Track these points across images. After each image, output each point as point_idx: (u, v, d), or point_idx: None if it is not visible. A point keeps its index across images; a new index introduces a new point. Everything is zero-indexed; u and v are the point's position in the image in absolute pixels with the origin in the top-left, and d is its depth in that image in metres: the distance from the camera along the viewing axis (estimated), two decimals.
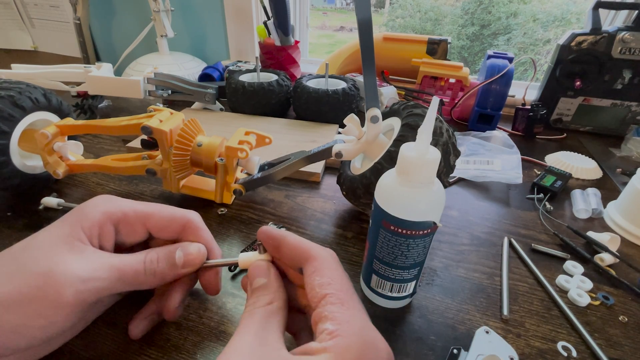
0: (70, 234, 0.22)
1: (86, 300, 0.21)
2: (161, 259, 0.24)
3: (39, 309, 0.19)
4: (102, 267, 0.22)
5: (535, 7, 3.14)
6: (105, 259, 0.22)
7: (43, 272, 0.20)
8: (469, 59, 3.27)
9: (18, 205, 0.41)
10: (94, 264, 0.21)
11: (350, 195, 0.37)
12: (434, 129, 0.33)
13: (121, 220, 0.25)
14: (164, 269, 0.24)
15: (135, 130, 0.39)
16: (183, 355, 0.26)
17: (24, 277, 0.20)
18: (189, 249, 0.26)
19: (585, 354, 0.28)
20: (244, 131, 0.41)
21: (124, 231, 0.26)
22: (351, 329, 0.17)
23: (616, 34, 0.61)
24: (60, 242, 0.22)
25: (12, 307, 0.19)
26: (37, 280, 0.20)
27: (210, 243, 0.27)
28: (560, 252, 0.38)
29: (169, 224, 0.26)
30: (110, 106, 0.73)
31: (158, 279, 0.24)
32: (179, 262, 0.25)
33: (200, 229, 0.27)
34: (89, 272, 0.21)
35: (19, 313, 0.19)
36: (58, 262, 0.20)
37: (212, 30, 0.93)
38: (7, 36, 1.09)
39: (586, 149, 0.63)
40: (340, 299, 0.19)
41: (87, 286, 0.21)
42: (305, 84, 0.61)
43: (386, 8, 3.96)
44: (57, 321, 0.20)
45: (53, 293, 0.20)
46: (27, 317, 0.19)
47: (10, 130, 0.38)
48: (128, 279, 0.23)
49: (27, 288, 0.19)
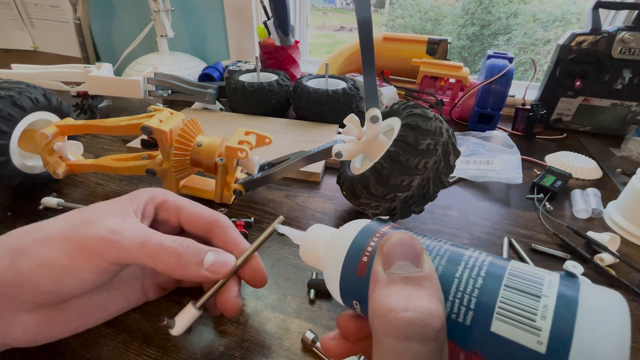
0: (121, 206, 0.25)
1: (109, 252, 0.22)
2: (191, 248, 0.24)
3: (69, 248, 0.21)
4: (131, 227, 0.23)
5: (536, 7, 3.14)
6: (138, 224, 0.24)
7: (86, 219, 0.23)
8: (469, 59, 3.27)
9: (18, 205, 0.41)
10: (127, 223, 0.23)
11: (350, 195, 0.37)
12: (435, 128, 0.33)
13: (161, 205, 0.27)
14: (189, 259, 0.23)
15: (135, 130, 0.39)
16: (183, 355, 0.26)
17: (72, 220, 0.23)
18: (220, 256, 0.25)
19: None
20: (244, 131, 0.41)
21: (161, 215, 0.28)
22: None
23: (616, 34, 0.61)
24: (111, 208, 0.24)
25: (51, 240, 0.21)
26: (78, 223, 0.22)
27: (236, 239, 0.27)
28: (560, 252, 0.38)
29: (197, 219, 0.28)
30: (110, 106, 0.73)
31: (180, 265, 0.23)
32: (206, 263, 0.24)
33: (228, 227, 0.27)
34: (118, 225, 0.23)
35: (54, 247, 0.21)
36: (102, 216, 0.23)
37: (212, 30, 0.93)
38: (7, 36, 1.09)
39: (586, 149, 0.63)
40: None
41: (112, 237, 0.22)
42: (305, 84, 0.61)
43: (386, 8, 3.96)
44: (80, 266, 0.21)
45: (84, 234, 0.22)
46: (59, 252, 0.21)
47: (10, 130, 0.38)
48: (151, 250, 0.22)
49: (69, 227, 0.22)
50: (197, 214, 0.28)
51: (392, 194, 0.34)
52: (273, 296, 0.31)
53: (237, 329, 0.28)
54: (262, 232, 0.27)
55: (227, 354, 0.26)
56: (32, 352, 0.25)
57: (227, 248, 0.27)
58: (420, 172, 0.32)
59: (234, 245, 0.27)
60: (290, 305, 0.30)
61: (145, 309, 0.29)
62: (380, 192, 0.34)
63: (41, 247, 0.21)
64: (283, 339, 0.27)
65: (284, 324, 0.29)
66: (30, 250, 0.21)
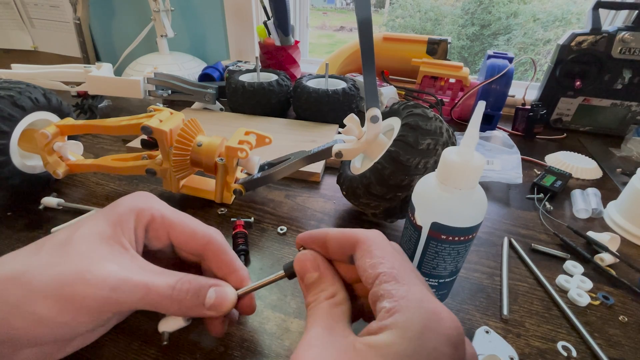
0: (112, 236, 0.22)
1: (110, 309, 0.21)
2: (191, 291, 0.22)
3: (66, 305, 0.20)
4: (131, 278, 0.21)
5: (536, 7, 3.14)
6: (137, 274, 0.22)
7: (80, 270, 0.20)
8: (469, 59, 3.27)
9: (18, 205, 0.41)
10: (126, 275, 0.21)
11: (350, 195, 0.37)
12: (435, 128, 0.33)
13: (150, 224, 0.25)
14: (191, 304, 0.22)
15: (135, 130, 0.39)
16: (183, 355, 0.26)
17: (63, 271, 0.20)
18: (222, 293, 0.23)
19: (585, 354, 0.28)
20: (244, 131, 0.41)
21: (151, 234, 0.25)
22: (409, 303, 0.17)
23: (616, 34, 0.61)
24: (102, 242, 0.22)
25: (45, 297, 0.19)
26: (73, 277, 0.20)
27: (233, 265, 0.25)
28: (560, 252, 0.38)
29: (188, 241, 0.26)
30: (110, 106, 0.73)
31: (181, 310, 0.23)
32: (208, 302, 0.23)
33: (222, 252, 0.26)
34: (117, 279, 0.21)
35: (49, 304, 0.19)
36: (94, 264, 0.21)
37: (212, 30, 0.93)
38: (7, 36, 1.09)
39: (586, 149, 0.63)
40: (393, 275, 0.18)
41: (113, 296, 0.20)
42: (305, 84, 0.61)
43: (386, 8, 3.96)
44: (80, 321, 0.20)
45: (82, 293, 0.20)
46: (54, 310, 0.20)
47: (10, 130, 0.38)
48: (152, 301, 0.22)
49: (62, 282, 0.20)
50: (188, 234, 0.25)
51: (392, 194, 0.34)
52: (273, 296, 0.31)
53: (237, 329, 0.28)
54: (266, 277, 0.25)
55: (227, 354, 0.26)
56: None
57: (223, 274, 0.25)
58: (420, 172, 0.32)
59: (230, 273, 0.25)
60: (290, 305, 0.30)
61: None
62: (380, 192, 0.34)
63: (35, 305, 0.19)
64: (283, 339, 0.27)
65: (284, 324, 0.29)
66: (23, 308, 0.19)
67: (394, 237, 0.39)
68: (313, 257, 0.22)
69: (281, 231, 0.39)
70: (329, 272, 0.22)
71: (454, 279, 0.28)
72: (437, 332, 0.16)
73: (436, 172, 0.25)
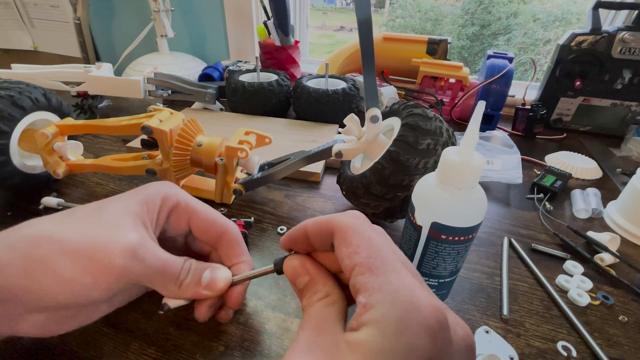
0: (138, 213, 0.24)
1: (127, 277, 0.21)
2: (192, 272, 0.24)
3: (91, 267, 0.20)
4: (153, 254, 0.22)
5: (536, 7, 3.14)
6: (157, 249, 0.23)
7: (109, 235, 0.21)
8: (469, 59, 3.27)
9: (18, 205, 0.41)
10: (148, 248, 0.22)
11: (350, 195, 0.37)
12: (435, 128, 0.33)
13: (174, 208, 0.26)
14: (189, 283, 0.24)
15: (135, 130, 0.39)
16: (183, 355, 0.26)
17: (94, 234, 0.21)
18: (217, 273, 0.25)
19: (585, 354, 0.28)
20: (244, 131, 0.41)
21: (172, 219, 0.27)
22: (384, 296, 0.16)
23: (616, 34, 0.61)
24: (129, 215, 0.23)
25: (73, 256, 0.20)
26: (103, 241, 0.21)
27: (242, 257, 0.27)
28: (560, 252, 0.38)
29: (208, 228, 0.27)
30: (110, 106, 0.73)
31: (181, 290, 0.24)
32: (203, 281, 0.24)
33: (236, 243, 0.27)
34: (142, 252, 0.22)
35: (75, 263, 0.20)
36: (122, 232, 0.22)
37: (212, 30, 0.93)
38: (7, 36, 1.09)
39: (586, 149, 0.63)
40: (368, 266, 0.18)
41: (135, 265, 0.21)
42: (305, 84, 0.61)
43: (386, 8, 3.96)
44: (98, 286, 0.21)
45: (109, 257, 0.21)
46: (78, 270, 0.20)
47: (10, 130, 0.38)
48: (163, 277, 0.23)
49: (92, 244, 0.21)
50: (208, 223, 0.27)
51: (392, 193, 0.34)
52: (273, 296, 0.31)
53: (237, 329, 0.28)
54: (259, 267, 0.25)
55: (227, 354, 0.26)
56: (32, 352, 0.25)
57: (231, 265, 0.27)
58: (420, 172, 0.32)
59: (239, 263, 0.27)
60: (290, 305, 0.30)
61: (145, 308, 0.29)
62: (380, 192, 0.34)
63: (63, 263, 0.20)
64: (283, 338, 0.27)
65: (284, 324, 0.29)
66: (49, 264, 0.20)
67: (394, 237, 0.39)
68: (300, 262, 0.22)
69: (281, 231, 0.39)
70: (319, 273, 0.22)
71: (454, 278, 0.28)
72: (414, 324, 0.15)
73: (436, 172, 0.25)
